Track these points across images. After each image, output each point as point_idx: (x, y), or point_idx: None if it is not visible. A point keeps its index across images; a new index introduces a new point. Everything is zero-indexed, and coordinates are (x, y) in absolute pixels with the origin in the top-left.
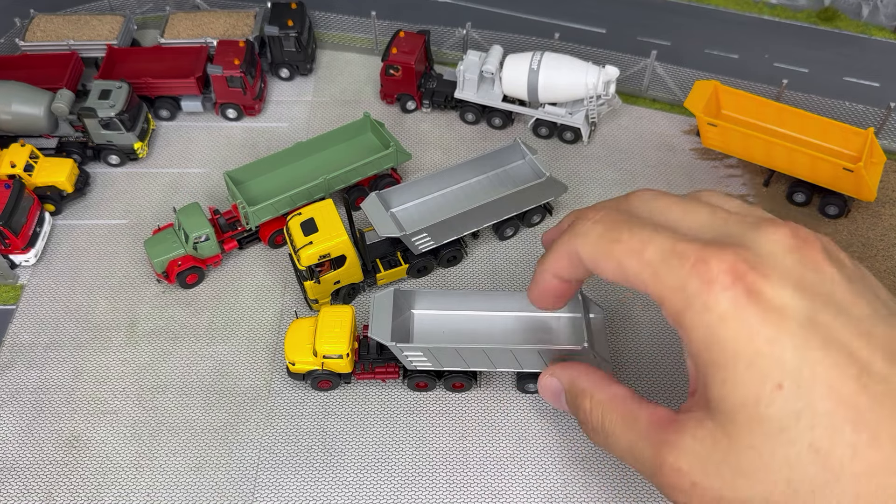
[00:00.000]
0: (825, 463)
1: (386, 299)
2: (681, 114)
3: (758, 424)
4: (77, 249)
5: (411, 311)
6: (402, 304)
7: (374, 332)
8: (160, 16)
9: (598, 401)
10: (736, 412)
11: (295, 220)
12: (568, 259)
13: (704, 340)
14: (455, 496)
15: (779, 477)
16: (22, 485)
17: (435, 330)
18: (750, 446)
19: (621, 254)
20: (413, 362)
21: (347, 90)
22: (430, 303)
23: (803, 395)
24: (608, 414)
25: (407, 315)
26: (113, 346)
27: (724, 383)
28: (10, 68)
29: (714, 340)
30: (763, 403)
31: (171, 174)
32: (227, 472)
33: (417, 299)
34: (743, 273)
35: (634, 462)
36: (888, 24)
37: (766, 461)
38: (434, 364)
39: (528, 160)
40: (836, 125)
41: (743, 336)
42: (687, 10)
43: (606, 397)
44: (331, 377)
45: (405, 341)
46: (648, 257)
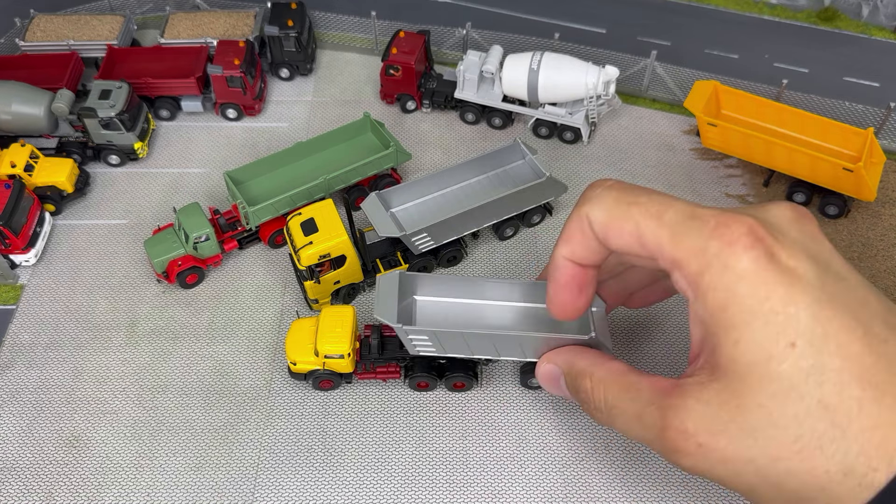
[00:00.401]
0: (833, 418)
1: (391, 281)
2: (681, 114)
3: (768, 382)
4: (77, 249)
5: (413, 296)
6: (406, 288)
7: (379, 313)
8: (160, 16)
9: (599, 378)
10: (747, 372)
11: (295, 220)
12: (581, 231)
13: (722, 300)
14: (455, 496)
15: (787, 434)
16: (22, 485)
17: (438, 317)
18: (759, 405)
19: (640, 215)
20: (417, 347)
21: (347, 90)
22: (434, 289)
23: (814, 353)
24: (610, 388)
25: (409, 301)
26: (113, 346)
27: (738, 343)
28: (10, 68)
29: (732, 300)
30: (776, 361)
31: (171, 174)
32: (227, 472)
33: (420, 284)
34: (762, 236)
35: (640, 430)
36: (888, 24)
37: (775, 419)
38: (438, 350)
39: (528, 160)
40: (836, 125)
41: (761, 295)
42: (687, 10)
43: (606, 373)
44: (332, 377)
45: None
46: (668, 219)
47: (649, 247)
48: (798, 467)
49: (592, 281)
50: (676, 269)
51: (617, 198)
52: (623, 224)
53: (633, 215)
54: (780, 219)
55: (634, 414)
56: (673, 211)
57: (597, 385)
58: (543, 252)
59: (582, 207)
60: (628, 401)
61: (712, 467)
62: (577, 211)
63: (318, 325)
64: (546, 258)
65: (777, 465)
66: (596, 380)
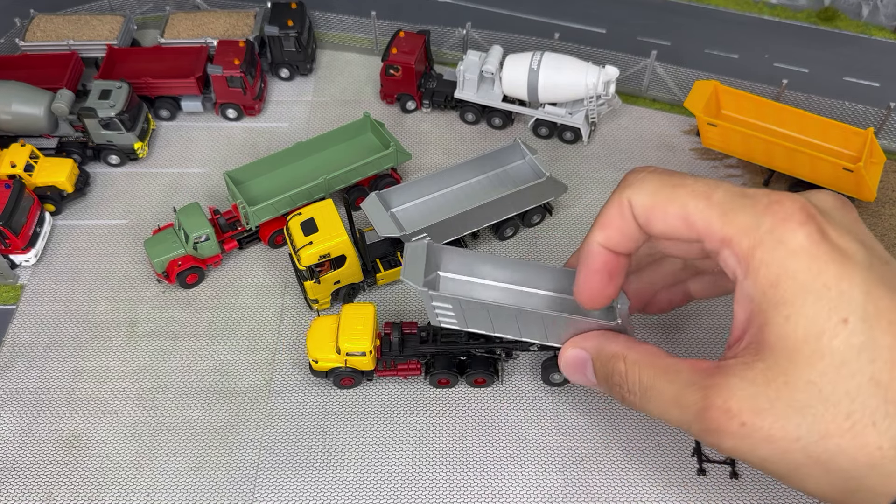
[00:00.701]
0: (885, 395)
1: (419, 250)
2: (681, 114)
3: (819, 359)
4: (77, 249)
5: (438, 272)
6: (432, 261)
7: (407, 276)
8: (160, 16)
9: (633, 360)
10: (796, 348)
11: (295, 220)
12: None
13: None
14: (455, 496)
15: (838, 411)
16: (22, 485)
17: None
18: (809, 381)
19: (687, 196)
20: (439, 316)
21: (347, 90)
22: (459, 266)
23: (867, 330)
24: (645, 370)
25: (434, 276)
26: (113, 346)
27: (788, 318)
28: (10, 68)
29: (784, 275)
30: (827, 337)
31: (171, 174)
32: (227, 471)
33: (446, 260)
34: (813, 214)
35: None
36: (888, 24)
37: (825, 395)
38: (460, 322)
39: (528, 160)
40: (836, 125)
41: (814, 270)
42: (687, 10)
43: (640, 355)
44: (353, 374)
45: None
46: (717, 199)
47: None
48: (849, 444)
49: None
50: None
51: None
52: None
53: (679, 196)
54: (825, 203)
55: (672, 396)
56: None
57: (631, 367)
58: (543, 252)
59: (623, 192)
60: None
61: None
62: (618, 195)
63: (339, 322)
64: (547, 259)
65: (827, 443)
66: (630, 362)
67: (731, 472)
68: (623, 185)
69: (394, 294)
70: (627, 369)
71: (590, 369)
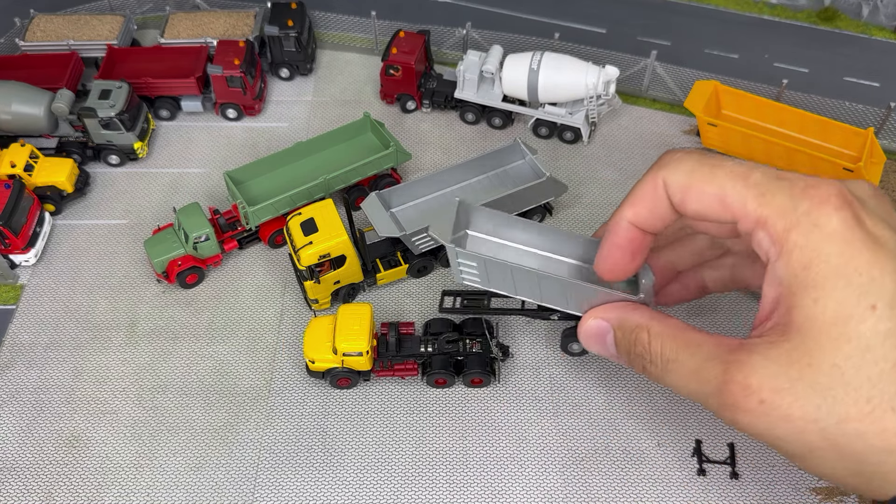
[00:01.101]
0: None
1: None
2: (681, 114)
3: (845, 342)
4: (77, 249)
5: (466, 231)
6: (462, 219)
7: (434, 230)
8: (160, 16)
9: (657, 332)
10: (823, 331)
11: (295, 220)
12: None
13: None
14: (455, 496)
15: (859, 395)
16: (22, 485)
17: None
18: (833, 364)
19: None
20: (463, 274)
21: (347, 90)
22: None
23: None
24: (668, 342)
25: (461, 234)
26: (113, 346)
27: (817, 301)
28: (10, 68)
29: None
30: (854, 321)
31: (171, 174)
32: (226, 471)
33: (475, 219)
34: (850, 200)
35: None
36: (888, 24)
37: (847, 379)
38: (483, 282)
39: (528, 160)
40: (836, 125)
41: (846, 255)
42: (687, 10)
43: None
44: (350, 375)
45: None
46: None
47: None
48: (868, 429)
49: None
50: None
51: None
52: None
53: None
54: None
55: (692, 368)
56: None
57: (654, 338)
58: None
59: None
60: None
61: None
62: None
63: (335, 323)
64: None
65: (845, 427)
66: (654, 333)
67: (731, 472)
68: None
69: (393, 294)
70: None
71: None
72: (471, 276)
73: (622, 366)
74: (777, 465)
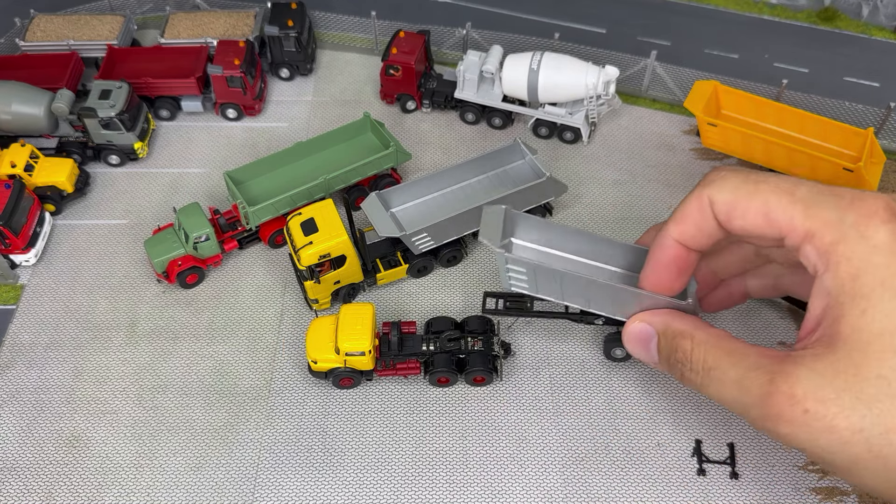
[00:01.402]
0: None
1: (497, 213)
2: (681, 114)
3: (892, 354)
4: (77, 249)
5: (511, 238)
6: (507, 226)
7: (485, 236)
8: (160, 16)
9: (700, 340)
10: (870, 342)
11: (295, 220)
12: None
13: (854, 270)
14: (455, 496)
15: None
16: (22, 484)
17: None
18: (879, 375)
19: (769, 192)
20: (512, 279)
21: (347, 90)
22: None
23: None
24: (711, 351)
25: (506, 242)
26: (113, 346)
27: (865, 312)
28: (10, 68)
29: (865, 269)
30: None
31: (171, 174)
32: (227, 471)
33: (520, 227)
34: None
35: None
36: (888, 24)
37: (894, 390)
38: (531, 287)
39: (528, 160)
40: (836, 125)
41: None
42: (687, 10)
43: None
44: (352, 375)
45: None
46: (801, 195)
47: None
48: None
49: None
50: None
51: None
52: (750, 203)
53: (761, 192)
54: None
55: (734, 378)
56: (805, 187)
57: (697, 346)
58: None
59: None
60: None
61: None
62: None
63: (337, 323)
64: None
65: (890, 437)
66: (697, 341)
67: (731, 472)
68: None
69: (393, 294)
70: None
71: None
72: (519, 283)
73: (622, 367)
74: (777, 465)
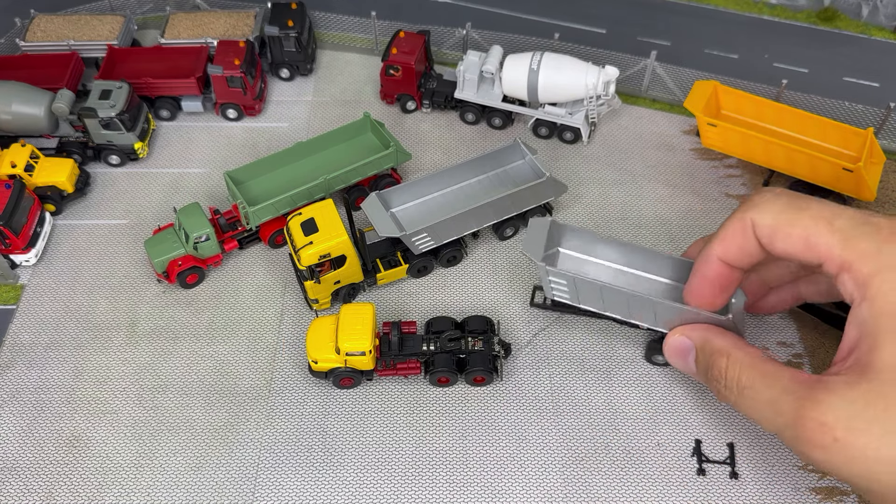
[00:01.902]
0: None
1: (542, 225)
2: (681, 114)
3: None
4: (77, 249)
5: (558, 248)
6: (554, 237)
7: (527, 249)
8: (160, 16)
9: (736, 359)
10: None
11: (295, 220)
12: (742, 233)
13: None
14: (455, 496)
15: None
16: (23, 484)
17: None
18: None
19: (810, 220)
20: (554, 290)
21: (347, 90)
22: (579, 245)
23: None
24: (746, 371)
25: (553, 251)
26: (113, 346)
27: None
28: (10, 68)
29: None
30: None
31: (172, 174)
32: (227, 471)
33: (566, 237)
34: None
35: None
36: (888, 24)
37: None
38: (572, 298)
39: (528, 160)
40: (836, 125)
41: None
42: (687, 10)
43: (744, 355)
44: (353, 374)
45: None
46: (840, 225)
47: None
48: None
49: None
50: (845, 272)
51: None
52: (791, 228)
53: (802, 219)
54: None
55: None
56: (845, 217)
57: (733, 364)
58: None
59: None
60: (764, 386)
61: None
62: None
63: (338, 323)
64: None
65: None
66: (733, 360)
67: (731, 472)
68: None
69: (393, 294)
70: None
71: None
72: (561, 293)
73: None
74: (777, 464)
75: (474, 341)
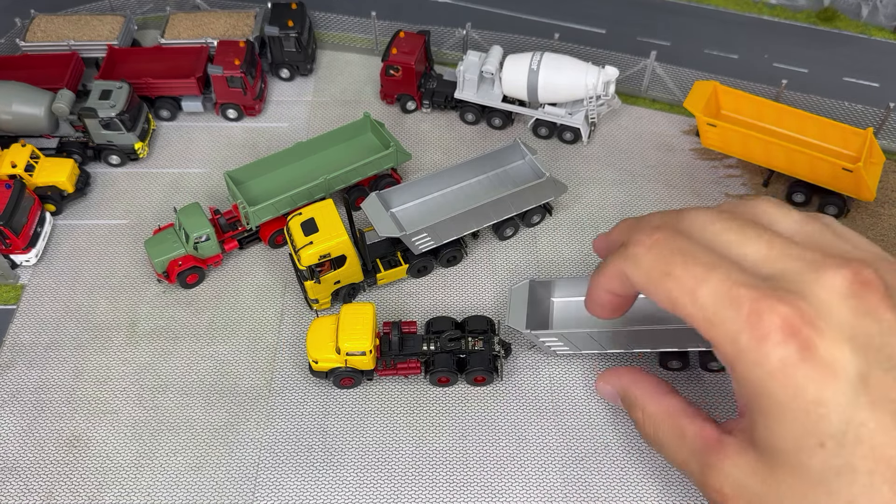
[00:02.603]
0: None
1: (521, 292)
2: (680, 114)
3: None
4: (77, 249)
5: (551, 299)
6: (541, 294)
7: (511, 322)
8: (160, 16)
9: (650, 413)
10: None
11: (295, 220)
12: (619, 280)
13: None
14: (455, 496)
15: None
16: (23, 484)
17: (575, 315)
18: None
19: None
20: (552, 347)
21: (347, 90)
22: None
23: (844, 454)
24: (660, 427)
25: (547, 304)
26: (113, 346)
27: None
28: (10, 68)
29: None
30: (805, 455)
31: (172, 174)
32: (227, 471)
33: (558, 287)
34: (797, 329)
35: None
36: (888, 24)
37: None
38: (572, 348)
39: (527, 160)
40: (836, 125)
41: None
42: (687, 10)
43: (657, 410)
44: (353, 374)
45: (544, 328)
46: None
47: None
48: None
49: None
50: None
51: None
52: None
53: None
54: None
55: (682, 461)
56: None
57: (648, 419)
58: (543, 252)
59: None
60: (675, 445)
61: None
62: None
63: (338, 322)
64: (547, 259)
65: None
66: (647, 414)
67: None
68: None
69: (394, 294)
70: (644, 420)
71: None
72: (560, 349)
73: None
74: None
75: (474, 341)
